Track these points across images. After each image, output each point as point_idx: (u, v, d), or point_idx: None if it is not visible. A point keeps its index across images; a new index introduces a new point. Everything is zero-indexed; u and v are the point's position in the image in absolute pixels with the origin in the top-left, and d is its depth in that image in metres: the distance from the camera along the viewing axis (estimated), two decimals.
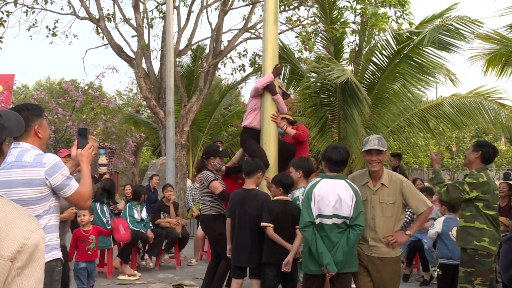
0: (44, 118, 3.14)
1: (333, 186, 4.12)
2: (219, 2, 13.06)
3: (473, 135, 32.41)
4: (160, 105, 12.23)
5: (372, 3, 11.07)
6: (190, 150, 17.47)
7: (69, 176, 2.99)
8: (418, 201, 4.20)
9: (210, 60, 12.55)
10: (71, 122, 16.12)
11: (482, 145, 4.80)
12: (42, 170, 2.91)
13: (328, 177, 4.18)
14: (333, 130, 11.54)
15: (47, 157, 2.96)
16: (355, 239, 4.12)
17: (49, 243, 2.96)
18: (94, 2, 12.54)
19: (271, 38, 6.05)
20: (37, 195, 2.91)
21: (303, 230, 4.12)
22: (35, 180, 2.90)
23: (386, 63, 10.82)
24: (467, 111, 11.09)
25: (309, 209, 4.10)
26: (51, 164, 2.94)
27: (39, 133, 3.03)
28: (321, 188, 4.11)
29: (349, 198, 4.09)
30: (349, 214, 4.08)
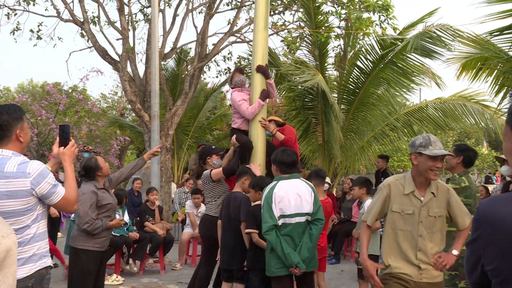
0: (25, 120, 2.95)
1: (290, 185, 4.28)
2: (204, 5, 13.06)
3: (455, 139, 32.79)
4: (145, 108, 12.17)
5: (357, 8, 11.17)
6: (175, 154, 17.40)
7: (55, 183, 2.84)
8: (464, 213, 3.61)
9: (196, 63, 12.54)
10: (54, 125, 15.94)
11: (463, 150, 4.85)
12: (27, 181, 2.74)
13: (283, 178, 4.33)
14: (317, 133, 11.60)
15: (32, 166, 2.78)
16: (318, 234, 4.28)
17: (38, 251, 2.83)
18: (79, 5, 12.44)
19: (261, 43, 6.04)
20: (24, 206, 2.75)
21: (267, 234, 4.21)
22: (21, 192, 2.73)
23: (370, 67, 10.92)
24: (451, 113, 11.26)
25: (270, 212, 4.20)
26: (36, 173, 2.77)
27: (20, 137, 2.85)
28: (280, 189, 4.25)
29: (308, 194, 4.29)
30: (310, 210, 4.24)
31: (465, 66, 7.56)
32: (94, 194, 4.73)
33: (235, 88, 6.11)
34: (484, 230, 1.46)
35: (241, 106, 5.86)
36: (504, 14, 6.32)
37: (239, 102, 5.89)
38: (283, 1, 12.06)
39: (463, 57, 7.57)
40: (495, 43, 6.95)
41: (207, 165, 6.06)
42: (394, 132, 11.92)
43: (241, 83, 6.09)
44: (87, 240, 4.69)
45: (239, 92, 6.01)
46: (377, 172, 10.80)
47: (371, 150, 12.27)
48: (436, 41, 9.51)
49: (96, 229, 4.65)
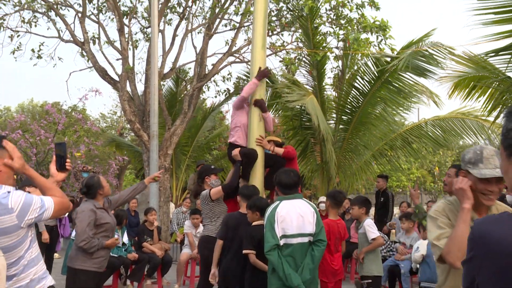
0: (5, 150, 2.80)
1: (293, 205, 4.26)
2: (203, 26, 13.18)
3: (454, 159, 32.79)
4: (144, 128, 12.19)
5: (355, 28, 11.28)
6: (173, 174, 17.38)
7: (41, 204, 2.74)
8: None
9: (195, 83, 12.60)
10: (53, 145, 15.95)
11: None
12: (13, 216, 2.63)
13: (286, 198, 4.32)
14: (316, 153, 11.61)
15: (13, 199, 2.66)
16: (320, 255, 4.25)
17: (36, 276, 2.79)
18: (79, 25, 12.57)
19: (259, 62, 6.10)
20: (15, 240, 2.67)
21: (269, 254, 4.18)
22: (9, 228, 2.64)
23: (367, 88, 10.99)
24: (450, 129, 11.27)
25: (273, 232, 4.17)
26: (19, 206, 2.66)
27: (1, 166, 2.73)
28: (282, 209, 4.23)
29: (310, 215, 4.26)
30: (312, 230, 4.21)
31: (457, 85, 7.61)
32: (92, 212, 4.72)
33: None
34: (478, 250, 1.45)
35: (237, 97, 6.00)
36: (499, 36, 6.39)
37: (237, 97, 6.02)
38: (282, 21, 12.19)
39: (455, 76, 7.62)
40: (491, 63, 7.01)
41: (205, 184, 6.04)
42: (393, 151, 11.93)
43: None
44: (85, 260, 4.66)
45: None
46: (377, 192, 10.77)
47: (370, 169, 12.27)
48: (429, 60, 9.59)
49: (93, 247, 4.63)
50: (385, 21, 11.17)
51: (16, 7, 12.72)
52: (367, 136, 11.44)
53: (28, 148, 16.06)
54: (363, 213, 5.85)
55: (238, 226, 5.04)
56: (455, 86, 7.63)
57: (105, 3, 13.10)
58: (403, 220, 7.91)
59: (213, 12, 12.11)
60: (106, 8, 13.52)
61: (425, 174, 31.51)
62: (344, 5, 11.65)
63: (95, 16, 13.28)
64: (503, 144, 1.55)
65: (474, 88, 7.43)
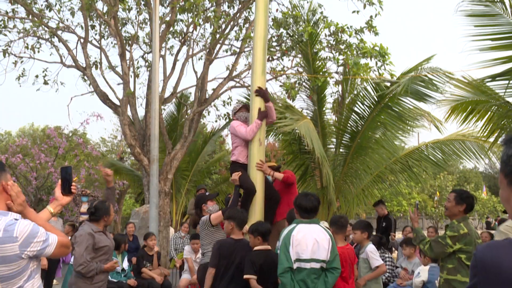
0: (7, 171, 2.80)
1: (309, 230, 4.22)
2: (204, 51, 13.31)
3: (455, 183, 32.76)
4: (144, 152, 12.21)
5: (354, 54, 11.40)
6: (173, 198, 17.32)
7: (45, 238, 2.69)
8: None
9: (195, 108, 12.66)
10: (53, 169, 15.96)
11: (465, 197, 4.73)
12: (15, 245, 2.58)
13: (303, 222, 4.28)
14: (315, 178, 11.59)
15: (19, 229, 2.61)
16: (333, 282, 4.19)
17: None
18: (81, 50, 12.71)
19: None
20: (14, 270, 2.61)
21: (282, 276, 4.14)
22: (10, 257, 2.58)
23: (367, 112, 11.03)
24: (449, 151, 11.27)
25: (287, 254, 4.14)
26: (24, 236, 2.61)
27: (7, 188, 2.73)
28: (298, 233, 4.19)
29: (326, 241, 4.21)
30: (327, 257, 4.16)
31: (454, 109, 7.65)
32: (90, 236, 4.70)
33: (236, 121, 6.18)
34: (481, 276, 1.45)
35: (239, 128, 5.94)
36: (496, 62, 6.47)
37: (237, 126, 5.97)
38: (282, 47, 12.32)
39: (453, 100, 7.67)
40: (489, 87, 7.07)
41: (203, 212, 6.02)
42: (393, 175, 11.91)
43: (244, 119, 6.17)
44: (84, 285, 4.63)
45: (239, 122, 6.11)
46: (378, 217, 10.72)
47: (370, 194, 12.23)
48: (428, 85, 9.67)
49: (91, 271, 4.60)
50: (385, 47, 11.30)
51: (21, 33, 12.91)
52: (367, 160, 11.44)
53: (28, 172, 16.07)
54: (365, 238, 5.81)
55: (232, 253, 4.93)
56: (452, 110, 7.67)
57: (107, 29, 13.28)
58: (404, 246, 7.86)
59: (214, 37, 12.25)
60: (108, 34, 13.69)
61: (426, 199, 31.42)
62: (344, 30, 11.80)
63: (97, 42, 13.45)
64: (504, 172, 1.54)
65: (472, 113, 7.46)
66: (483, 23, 6.75)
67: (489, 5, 6.59)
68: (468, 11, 6.70)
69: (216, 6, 12.42)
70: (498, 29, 6.63)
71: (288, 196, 6.26)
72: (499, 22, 6.61)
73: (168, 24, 12.58)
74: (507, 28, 6.53)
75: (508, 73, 6.46)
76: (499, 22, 6.61)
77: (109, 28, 12.78)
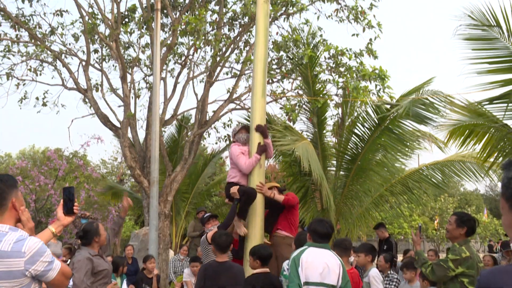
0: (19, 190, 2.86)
1: (320, 254, 4.20)
2: (205, 74, 13.41)
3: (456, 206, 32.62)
4: (145, 174, 12.20)
5: (354, 77, 11.48)
6: (173, 220, 17.24)
7: (51, 260, 2.69)
8: None
9: (195, 130, 12.70)
10: (53, 191, 15.93)
11: (466, 220, 4.73)
12: (21, 261, 2.59)
13: (314, 245, 4.26)
14: (316, 200, 11.56)
15: (28, 244, 2.62)
16: None
17: None
18: (83, 73, 12.82)
19: (259, 110, 6.19)
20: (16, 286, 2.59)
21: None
22: (14, 272, 2.58)
23: (367, 134, 11.05)
24: (449, 171, 11.25)
25: (296, 274, 4.11)
26: (31, 252, 2.61)
27: (16, 206, 2.76)
28: (308, 256, 4.17)
29: (336, 266, 4.17)
30: (336, 282, 4.14)
31: (453, 133, 7.68)
32: (89, 260, 4.68)
33: (236, 143, 6.19)
34: None
35: (239, 159, 5.92)
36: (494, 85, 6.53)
37: (237, 155, 5.95)
38: (282, 70, 12.42)
39: (451, 124, 7.71)
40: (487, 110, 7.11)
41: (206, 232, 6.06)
42: (394, 197, 11.88)
43: (243, 141, 6.19)
44: None
45: (238, 146, 6.10)
46: (380, 241, 10.64)
47: (371, 216, 12.18)
48: (428, 108, 9.71)
49: None
50: (384, 70, 11.39)
51: (24, 57, 13.04)
52: (368, 182, 11.42)
53: (27, 194, 16.02)
54: (369, 261, 5.76)
55: (217, 275, 4.91)
56: (450, 134, 7.70)
57: (109, 52, 13.40)
58: (405, 270, 7.78)
59: (215, 60, 12.36)
60: (110, 57, 13.82)
61: (427, 221, 31.26)
62: (343, 53, 11.91)
63: (98, 64, 13.56)
64: (505, 196, 1.53)
65: (470, 136, 7.49)
66: (480, 46, 6.84)
67: (486, 30, 6.68)
68: (466, 35, 6.79)
69: (217, 29, 12.57)
70: (495, 53, 6.71)
71: (289, 217, 6.26)
72: (496, 46, 6.69)
73: (169, 47, 12.71)
74: (504, 52, 6.61)
75: (506, 96, 6.51)
76: (496, 46, 6.69)
77: (110, 51, 12.90)
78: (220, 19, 12.85)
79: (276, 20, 12.45)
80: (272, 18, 12.15)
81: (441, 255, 13.24)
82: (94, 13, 13.04)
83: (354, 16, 12.43)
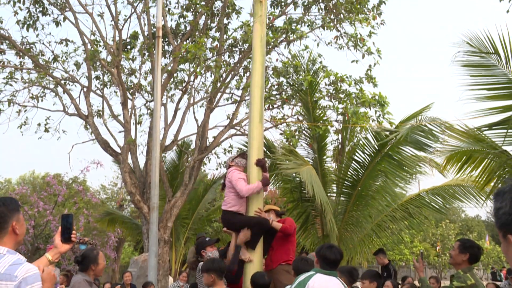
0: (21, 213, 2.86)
1: (327, 281, 4.14)
2: (205, 100, 13.50)
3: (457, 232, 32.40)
4: (144, 200, 12.17)
5: (354, 103, 11.55)
6: (173, 246, 17.11)
7: None
8: None
9: (196, 155, 12.71)
10: (51, 217, 15.85)
11: (469, 247, 4.69)
12: (12, 284, 2.55)
13: (321, 272, 4.20)
14: (316, 225, 11.50)
15: (22, 269, 2.59)
16: None
17: None
18: (84, 99, 12.91)
19: (256, 136, 6.19)
20: None
21: None
22: None
23: (368, 160, 11.05)
24: (449, 196, 11.20)
25: None
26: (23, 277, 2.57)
27: (16, 230, 2.75)
28: (315, 282, 4.11)
29: None
30: None
31: (449, 159, 7.68)
32: (88, 284, 4.62)
33: (236, 167, 6.14)
34: None
35: (238, 182, 5.86)
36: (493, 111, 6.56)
37: (237, 179, 5.89)
38: (282, 96, 12.50)
39: (448, 151, 7.71)
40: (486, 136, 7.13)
41: (203, 258, 5.95)
42: (394, 223, 11.81)
43: (242, 165, 6.16)
44: None
45: (238, 171, 6.06)
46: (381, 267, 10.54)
47: (371, 242, 12.09)
48: (427, 135, 9.74)
49: None
50: (383, 96, 11.46)
51: (26, 83, 13.15)
52: (368, 208, 11.37)
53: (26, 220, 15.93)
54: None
55: None
56: (447, 160, 7.70)
57: (111, 78, 13.52)
58: None
59: (215, 86, 12.46)
60: (111, 83, 13.93)
61: (429, 248, 31.00)
62: (343, 80, 12.00)
63: (100, 90, 13.66)
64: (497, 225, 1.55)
65: (467, 162, 7.48)
66: (479, 73, 6.90)
67: (484, 57, 6.75)
68: (464, 61, 6.86)
69: (217, 55, 12.70)
70: (493, 80, 6.77)
71: (285, 244, 6.20)
72: (494, 73, 6.76)
73: (170, 73, 12.82)
74: (502, 78, 6.66)
75: (505, 123, 6.54)
76: (495, 73, 6.75)
77: (112, 77, 13.01)
78: (220, 46, 13.00)
79: (276, 47, 12.59)
80: (272, 46, 12.29)
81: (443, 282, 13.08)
82: (97, 40, 13.21)
83: (353, 43, 12.58)
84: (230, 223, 6.02)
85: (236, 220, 5.92)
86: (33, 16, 12.86)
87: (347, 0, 12.24)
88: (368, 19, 12.50)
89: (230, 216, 5.98)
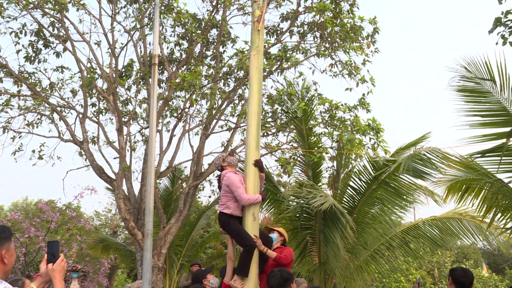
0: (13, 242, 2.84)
1: None
2: (200, 126, 13.53)
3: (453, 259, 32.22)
4: (139, 226, 12.06)
5: (348, 130, 11.61)
6: (166, 273, 16.89)
7: None
8: None
9: (191, 182, 12.67)
10: (43, 243, 15.66)
11: (451, 270, 4.82)
12: None
13: None
14: (313, 253, 11.40)
15: None
16: None
17: None
18: (79, 126, 12.90)
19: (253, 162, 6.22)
20: None
21: None
22: None
23: (364, 188, 11.02)
24: (446, 229, 11.18)
25: None
26: None
27: (5, 259, 2.73)
28: None
29: None
30: None
31: (450, 188, 7.69)
32: None
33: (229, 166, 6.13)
34: None
35: (238, 189, 5.85)
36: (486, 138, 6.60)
37: (237, 185, 5.86)
38: (277, 123, 12.56)
39: (448, 180, 7.72)
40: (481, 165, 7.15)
41: (206, 287, 5.96)
42: (391, 251, 11.73)
43: (235, 163, 6.17)
44: None
45: (234, 173, 6.05)
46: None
47: (368, 270, 11.98)
48: (426, 163, 9.76)
49: None
50: (378, 122, 11.53)
51: (21, 110, 13.16)
52: (364, 235, 11.31)
53: (17, 248, 15.74)
54: None
55: None
56: (448, 190, 7.70)
57: (106, 105, 13.56)
58: None
59: (210, 113, 12.50)
60: (107, 110, 13.96)
61: (425, 275, 30.75)
62: (337, 107, 12.09)
63: (95, 117, 13.68)
64: None
65: (467, 191, 7.49)
66: (473, 99, 6.93)
67: (479, 83, 6.80)
68: (459, 86, 6.90)
69: (213, 83, 12.79)
70: (487, 107, 6.82)
71: None
72: (488, 100, 6.80)
73: (166, 101, 12.87)
74: (496, 106, 6.71)
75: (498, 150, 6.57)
76: (489, 100, 6.80)
77: (107, 104, 13.05)
78: (216, 73, 13.10)
79: (271, 74, 12.71)
80: (268, 73, 12.40)
81: None
82: (93, 67, 13.29)
83: (348, 71, 12.73)
84: (225, 225, 6.00)
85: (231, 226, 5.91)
86: (35, 50, 12.91)
87: (342, 29, 12.42)
88: (362, 47, 12.67)
89: (225, 218, 5.97)
